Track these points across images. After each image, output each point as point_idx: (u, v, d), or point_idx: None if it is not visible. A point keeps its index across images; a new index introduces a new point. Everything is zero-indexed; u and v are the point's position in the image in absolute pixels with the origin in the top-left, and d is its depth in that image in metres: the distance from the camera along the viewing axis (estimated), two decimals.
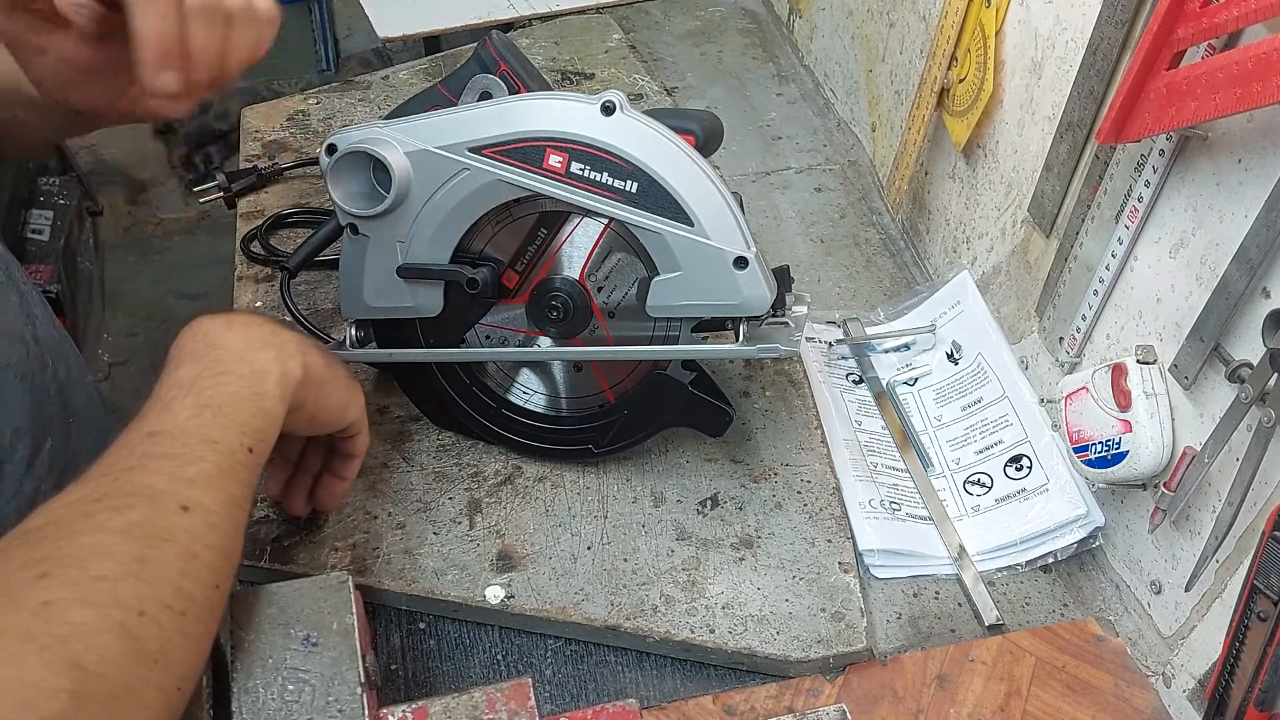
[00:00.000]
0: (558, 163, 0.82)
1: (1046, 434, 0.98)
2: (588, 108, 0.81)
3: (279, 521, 0.92)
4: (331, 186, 0.85)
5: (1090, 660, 0.88)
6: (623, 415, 0.94)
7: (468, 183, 0.84)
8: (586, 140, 0.81)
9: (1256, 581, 0.71)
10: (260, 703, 0.62)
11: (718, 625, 0.87)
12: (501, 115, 0.83)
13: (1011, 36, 1.03)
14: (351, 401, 0.82)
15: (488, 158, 0.83)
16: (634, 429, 0.95)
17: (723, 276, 0.83)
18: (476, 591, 0.88)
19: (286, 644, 0.65)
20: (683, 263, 0.83)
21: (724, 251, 0.82)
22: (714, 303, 0.85)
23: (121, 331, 2.59)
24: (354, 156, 0.84)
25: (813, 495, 0.97)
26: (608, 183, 0.82)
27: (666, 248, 0.83)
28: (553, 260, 0.89)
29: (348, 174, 0.85)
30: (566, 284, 0.89)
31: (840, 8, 1.42)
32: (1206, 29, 0.72)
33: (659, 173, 0.81)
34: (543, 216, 0.87)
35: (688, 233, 0.82)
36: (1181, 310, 0.83)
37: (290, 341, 0.76)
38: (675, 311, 0.86)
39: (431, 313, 0.90)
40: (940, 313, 1.13)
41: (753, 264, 0.83)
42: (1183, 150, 0.81)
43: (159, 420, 0.65)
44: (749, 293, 0.84)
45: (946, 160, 1.18)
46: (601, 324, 0.90)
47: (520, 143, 0.82)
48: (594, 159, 0.81)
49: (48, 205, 2.39)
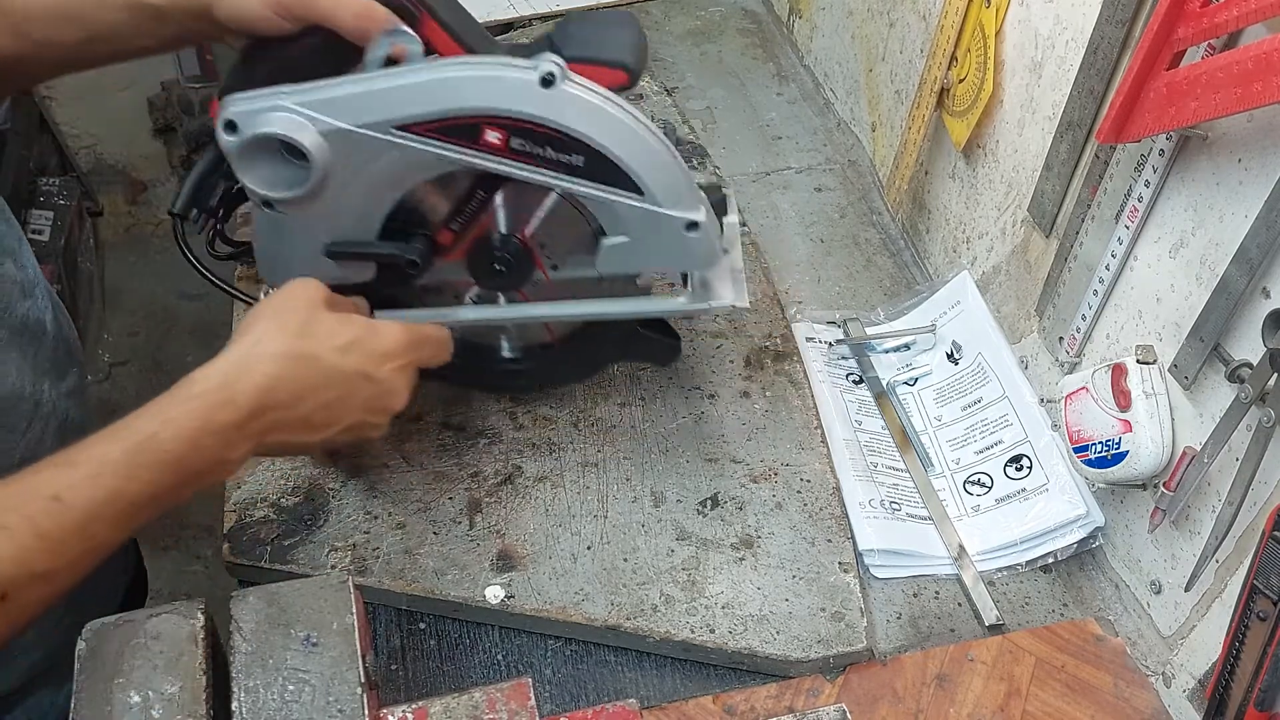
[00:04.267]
0: (496, 139, 0.76)
1: (1046, 434, 0.98)
2: (525, 78, 0.74)
3: (279, 522, 0.92)
4: (240, 171, 0.78)
5: (1090, 660, 0.88)
6: (567, 352, 0.91)
7: (397, 160, 0.77)
8: (526, 115, 0.75)
9: (1256, 581, 0.71)
10: (260, 703, 0.62)
11: (718, 625, 0.87)
12: (430, 89, 0.75)
13: (1011, 36, 1.03)
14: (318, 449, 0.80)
15: (418, 135, 0.76)
16: (579, 366, 0.92)
17: (674, 240, 0.80)
18: (476, 591, 0.88)
19: (287, 644, 0.65)
20: (633, 229, 0.80)
21: (676, 217, 0.79)
22: (664, 264, 0.82)
23: (122, 331, 2.59)
24: (262, 138, 0.76)
25: (813, 495, 0.97)
26: (552, 157, 0.77)
27: (616, 215, 0.80)
28: (492, 218, 0.84)
29: (256, 155, 0.78)
30: (508, 242, 0.85)
31: (840, 8, 1.42)
32: (1206, 29, 0.72)
33: (605, 144, 0.76)
34: (480, 179, 0.81)
35: (639, 202, 0.78)
36: (1181, 310, 0.83)
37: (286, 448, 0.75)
38: (624, 271, 0.84)
39: (363, 280, 0.85)
40: (940, 313, 1.13)
41: (703, 226, 0.80)
42: (1183, 150, 0.81)
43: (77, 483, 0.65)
44: (700, 252, 0.81)
45: (946, 160, 1.18)
46: (545, 277, 0.87)
47: (453, 120, 0.75)
48: (536, 135, 0.76)
49: (48, 205, 2.39)
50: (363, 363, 0.76)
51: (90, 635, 0.63)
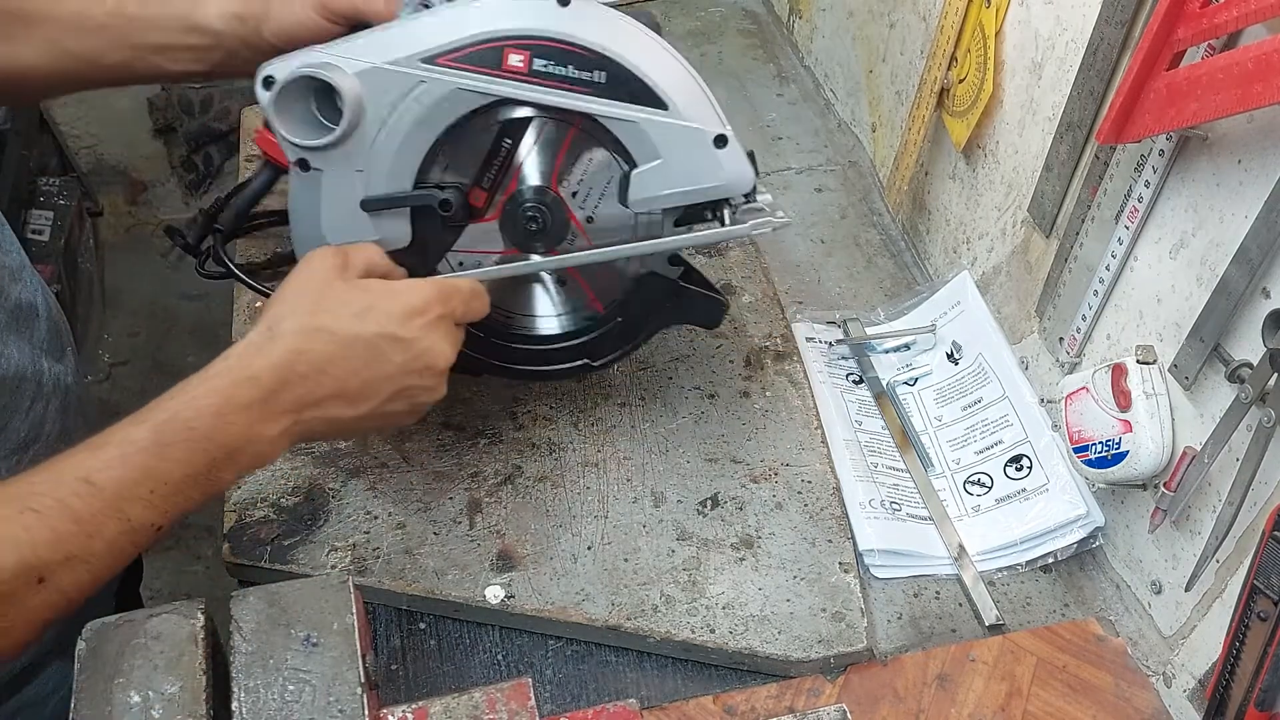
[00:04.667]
0: (519, 62, 0.77)
1: (1046, 434, 0.98)
2: (544, 1, 0.76)
3: (279, 522, 0.92)
4: (275, 121, 0.79)
5: (1091, 660, 0.88)
6: (615, 323, 0.91)
7: (425, 96, 0.79)
8: (547, 34, 0.76)
9: (1256, 581, 0.71)
10: (261, 703, 0.62)
11: (718, 625, 0.87)
12: (453, 20, 0.77)
13: (1011, 37, 1.03)
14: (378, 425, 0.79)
15: (444, 66, 0.77)
16: (629, 335, 0.92)
17: (704, 157, 0.80)
18: (476, 591, 0.88)
19: (287, 644, 0.65)
20: (661, 149, 0.80)
21: (703, 131, 0.79)
22: (697, 186, 0.82)
23: (122, 332, 2.59)
24: (297, 84, 0.78)
25: (813, 495, 0.97)
26: (574, 75, 0.77)
27: (643, 136, 0.80)
28: (520, 172, 0.84)
29: (291, 105, 0.79)
30: (539, 194, 0.85)
31: (841, 8, 1.42)
32: (1206, 29, 0.72)
33: (627, 58, 0.77)
34: (504, 126, 0.82)
35: (663, 117, 0.79)
36: (1181, 310, 0.83)
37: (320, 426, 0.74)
38: (658, 202, 0.83)
39: (400, 244, 0.85)
40: (940, 313, 1.13)
41: (732, 141, 0.80)
42: (1183, 150, 0.81)
43: (106, 464, 0.65)
44: (732, 169, 0.81)
45: (947, 160, 1.18)
46: (581, 231, 0.87)
47: (477, 45, 0.77)
48: (557, 53, 0.77)
49: (48, 205, 2.39)
50: (383, 324, 0.75)
51: (90, 635, 0.63)
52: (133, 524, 0.65)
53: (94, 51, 0.89)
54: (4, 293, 0.81)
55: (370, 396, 0.75)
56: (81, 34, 0.88)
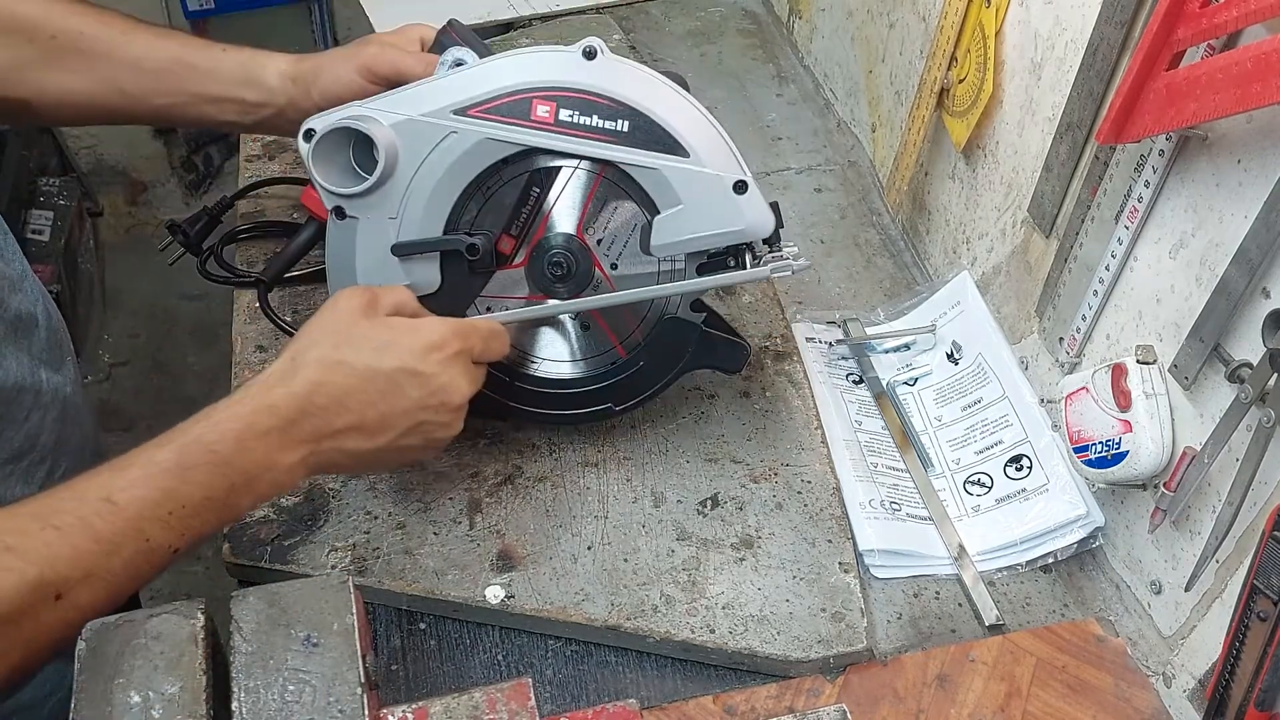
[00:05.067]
0: (545, 112, 0.81)
1: (1046, 434, 0.98)
2: (569, 55, 0.80)
3: (279, 522, 0.92)
4: (315, 170, 0.84)
5: (1090, 660, 0.88)
6: (638, 368, 0.93)
7: (456, 146, 0.83)
8: (572, 86, 0.80)
9: (1256, 581, 0.71)
10: (261, 703, 0.62)
11: (718, 625, 0.87)
12: (483, 74, 0.82)
13: (1011, 37, 1.03)
14: (395, 460, 0.82)
15: (474, 117, 0.82)
16: (651, 380, 0.93)
17: (725, 203, 0.83)
18: (476, 591, 0.88)
19: (287, 644, 0.65)
20: (683, 195, 0.83)
21: (723, 178, 0.82)
22: (718, 231, 0.84)
23: (122, 332, 2.59)
24: (335, 135, 0.83)
25: (813, 495, 0.97)
26: (599, 125, 0.81)
27: (665, 183, 0.82)
28: (548, 219, 0.87)
29: (330, 155, 0.84)
30: (565, 240, 0.88)
31: (840, 8, 1.42)
32: (1206, 29, 0.72)
33: (649, 107, 0.80)
34: (533, 175, 0.85)
35: (685, 164, 0.82)
36: (1181, 310, 0.83)
37: (339, 458, 0.76)
38: (680, 248, 0.85)
39: (429, 289, 0.88)
40: (940, 313, 1.13)
41: (752, 187, 0.83)
42: (1182, 150, 0.81)
43: (128, 484, 0.66)
44: (753, 216, 0.83)
45: (946, 161, 1.18)
46: (605, 277, 0.89)
47: (505, 98, 0.81)
48: (582, 103, 0.81)
49: (48, 206, 2.39)
50: (403, 359, 0.77)
51: (90, 635, 0.63)
52: (151, 545, 0.66)
53: (146, 92, 0.93)
54: (4, 303, 0.82)
55: (387, 429, 0.77)
56: (138, 74, 0.93)
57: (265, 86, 0.94)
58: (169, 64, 0.93)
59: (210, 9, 2.66)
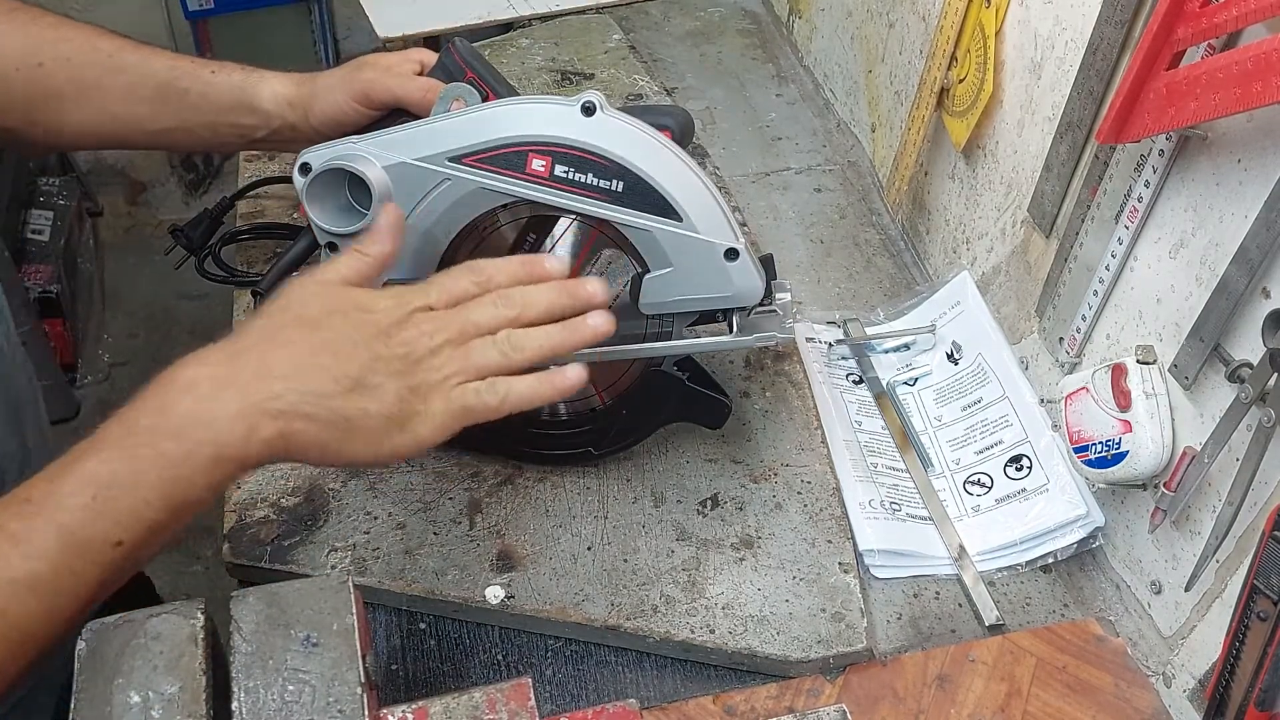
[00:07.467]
0: (541, 167, 0.80)
1: (1046, 434, 0.98)
2: (568, 109, 0.80)
3: (279, 522, 0.92)
4: (308, 206, 0.83)
5: (1090, 660, 0.88)
6: (620, 416, 0.94)
7: (449, 193, 0.82)
8: (569, 142, 0.80)
9: (1256, 581, 0.71)
10: (261, 703, 0.62)
11: (718, 625, 0.87)
12: (480, 123, 0.81)
13: (1011, 37, 1.03)
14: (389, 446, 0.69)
15: (469, 166, 0.81)
16: (632, 429, 0.94)
17: (715, 269, 0.83)
18: (476, 591, 0.88)
19: (287, 644, 0.65)
20: (674, 258, 0.83)
21: (714, 244, 0.82)
22: (707, 295, 0.85)
23: (122, 332, 2.59)
24: (330, 174, 0.82)
25: (813, 495, 0.97)
26: (593, 183, 0.81)
27: (656, 244, 0.82)
28: None
29: (324, 192, 0.83)
30: None
31: (840, 8, 1.42)
32: (1206, 29, 0.72)
33: (644, 169, 0.80)
34: (531, 221, 0.86)
35: (677, 228, 0.82)
36: (1181, 310, 0.83)
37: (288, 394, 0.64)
38: (669, 307, 0.86)
39: None
40: (940, 313, 1.13)
41: (743, 255, 0.83)
42: (1182, 150, 0.81)
43: (46, 477, 0.60)
44: (741, 283, 0.84)
45: (946, 160, 1.18)
46: None
47: (501, 149, 0.80)
48: (578, 160, 0.80)
49: (48, 206, 2.39)
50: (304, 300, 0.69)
51: (90, 635, 0.63)
52: (78, 537, 0.59)
53: (140, 118, 0.92)
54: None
55: (332, 370, 0.66)
56: (131, 102, 0.91)
57: (261, 111, 0.93)
58: (161, 90, 0.91)
59: (210, 9, 2.67)
